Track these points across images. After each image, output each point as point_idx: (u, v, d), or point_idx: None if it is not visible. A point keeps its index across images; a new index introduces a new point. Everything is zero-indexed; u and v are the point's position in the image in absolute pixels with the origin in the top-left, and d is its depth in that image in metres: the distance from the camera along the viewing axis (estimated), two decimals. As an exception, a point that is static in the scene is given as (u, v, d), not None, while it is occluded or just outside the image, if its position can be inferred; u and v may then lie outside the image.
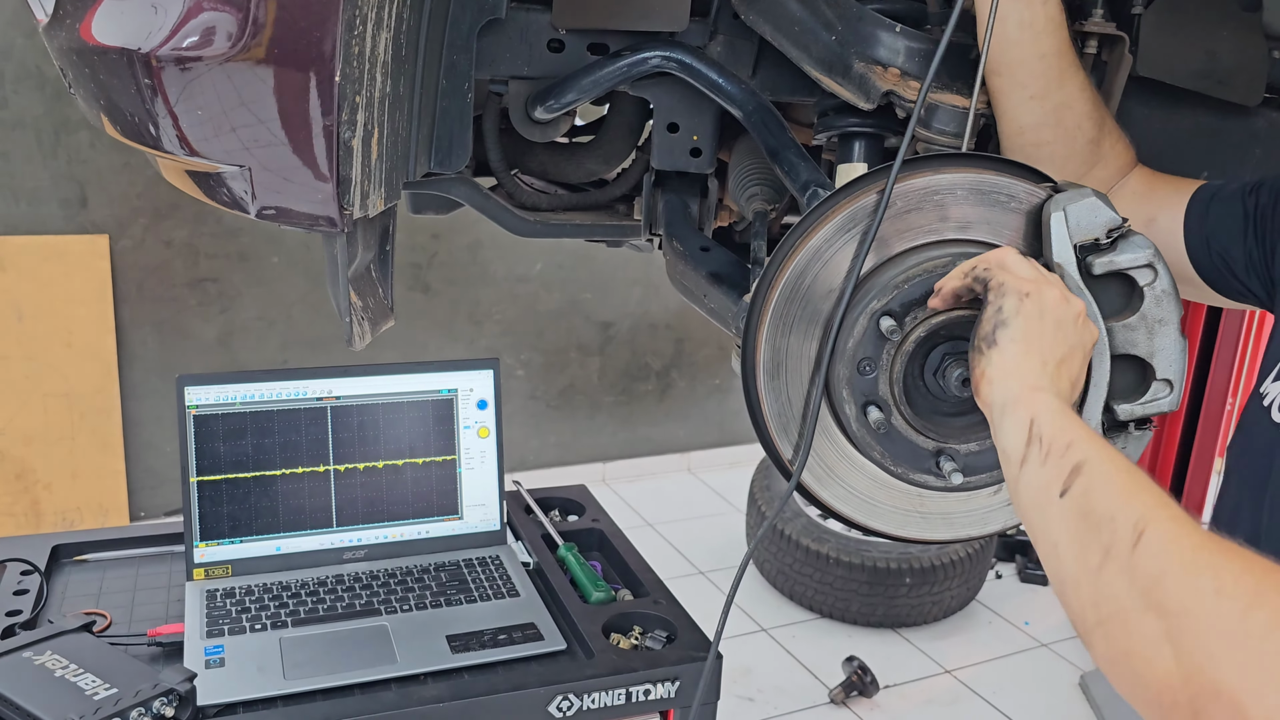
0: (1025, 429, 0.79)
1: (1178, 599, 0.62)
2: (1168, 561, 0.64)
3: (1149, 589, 0.64)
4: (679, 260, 1.31)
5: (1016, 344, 0.83)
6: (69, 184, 3.16)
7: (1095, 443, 0.75)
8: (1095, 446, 0.75)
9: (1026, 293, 0.84)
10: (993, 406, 0.83)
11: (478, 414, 1.56)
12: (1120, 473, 0.72)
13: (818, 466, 1.01)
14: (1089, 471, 0.72)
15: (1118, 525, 0.68)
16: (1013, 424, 0.80)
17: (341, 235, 1.03)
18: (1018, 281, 0.85)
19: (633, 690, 1.30)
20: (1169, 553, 0.64)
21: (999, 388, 0.83)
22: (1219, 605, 0.60)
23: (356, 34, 0.88)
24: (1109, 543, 0.67)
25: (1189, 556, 0.63)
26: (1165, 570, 0.63)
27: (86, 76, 1.00)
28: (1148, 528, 0.66)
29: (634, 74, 1.24)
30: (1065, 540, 0.71)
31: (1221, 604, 0.60)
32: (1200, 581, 0.62)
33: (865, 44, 1.12)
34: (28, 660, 1.19)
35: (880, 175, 0.95)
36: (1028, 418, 0.79)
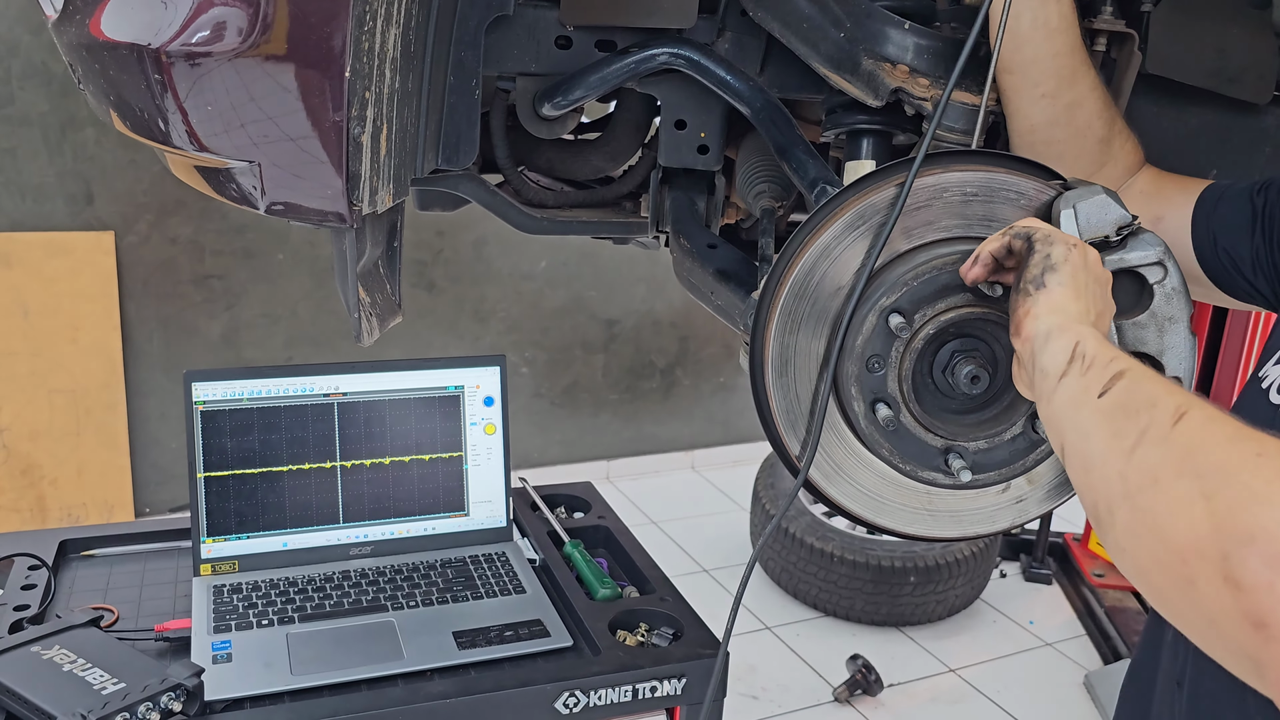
0: (1070, 349, 0.79)
1: (1218, 460, 0.63)
2: (1209, 433, 0.65)
3: (1186, 457, 0.65)
4: (686, 257, 1.31)
5: (1064, 287, 0.84)
6: (75, 180, 3.17)
7: (1138, 362, 0.76)
8: (1140, 364, 0.76)
9: (1074, 244, 0.86)
10: (1035, 337, 0.83)
11: (484, 411, 1.56)
12: (1157, 380, 0.73)
13: (826, 464, 1.01)
14: (1131, 376, 0.74)
15: (1158, 409, 0.69)
16: (1058, 346, 0.81)
17: (350, 231, 1.03)
18: (1064, 235, 0.87)
19: (639, 687, 1.30)
20: (1211, 426, 0.65)
21: (1044, 321, 0.83)
22: (1260, 464, 0.61)
23: (367, 29, 0.88)
24: (1146, 424, 0.68)
25: (1231, 430, 0.64)
26: (1206, 439, 0.65)
27: (96, 72, 1.00)
28: (1190, 409, 0.67)
29: (641, 71, 1.23)
30: (1098, 429, 0.72)
31: (1263, 463, 0.61)
32: (1243, 445, 0.63)
33: (874, 41, 1.12)
34: (36, 655, 1.20)
35: (888, 173, 0.95)
36: (1073, 340, 0.80)
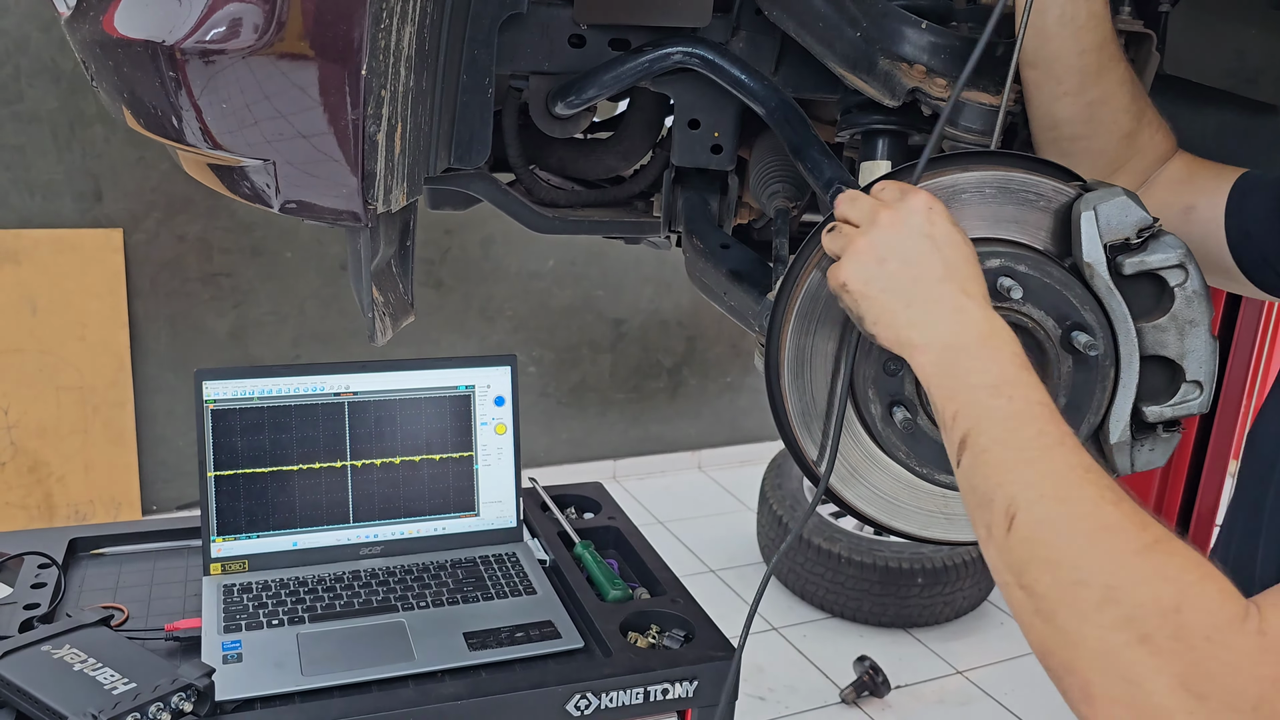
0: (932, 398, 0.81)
1: (1043, 585, 0.68)
2: (1033, 549, 0.69)
3: (1020, 572, 0.70)
4: (699, 257, 1.31)
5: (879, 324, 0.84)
6: (83, 178, 3.17)
7: (975, 409, 0.76)
8: (975, 414, 0.76)
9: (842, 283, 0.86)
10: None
11: (495, 410, 1.56)
12: (996, 445, 0.74)
13: (841, 466, 1.01)
14: (971, 446, 0.76)
15: (994, 507, 0.72)
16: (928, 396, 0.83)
17: (365, 230, 1.02)
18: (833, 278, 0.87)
19: (651, 690, 1.29)
20: (1034, 540, 0.69)
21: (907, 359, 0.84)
22: (1078, 594, 0.66)
23: (383, 27, 0.88)
24: (989, 522, 0.73)
25: (1051, 544, 0.68)
26: (1031, 558, 0.69)
27: (110, 70, 1.00)
28: (1017, 513, 0.70)
29: (656, 70, 1.23)
30: (968, 508, 0.77)
31: (1081, 593, 0.66)
32: (1060, 573, 0.67)
33: (890, 40, 1.11)
34: (47, 654, 1.19)
35: (905, 174, 0.94)
36: (926, 387, 0.82)
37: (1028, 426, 0.74)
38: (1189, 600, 0.63)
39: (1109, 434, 0.95)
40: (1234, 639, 0.61)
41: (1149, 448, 0.97)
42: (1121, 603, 0.64)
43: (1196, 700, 0.60)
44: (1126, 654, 0.63)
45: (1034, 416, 0.74)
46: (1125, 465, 0.96)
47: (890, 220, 0.84)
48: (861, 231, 0.85)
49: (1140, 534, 0.67)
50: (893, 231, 0.84)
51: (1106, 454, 0.96)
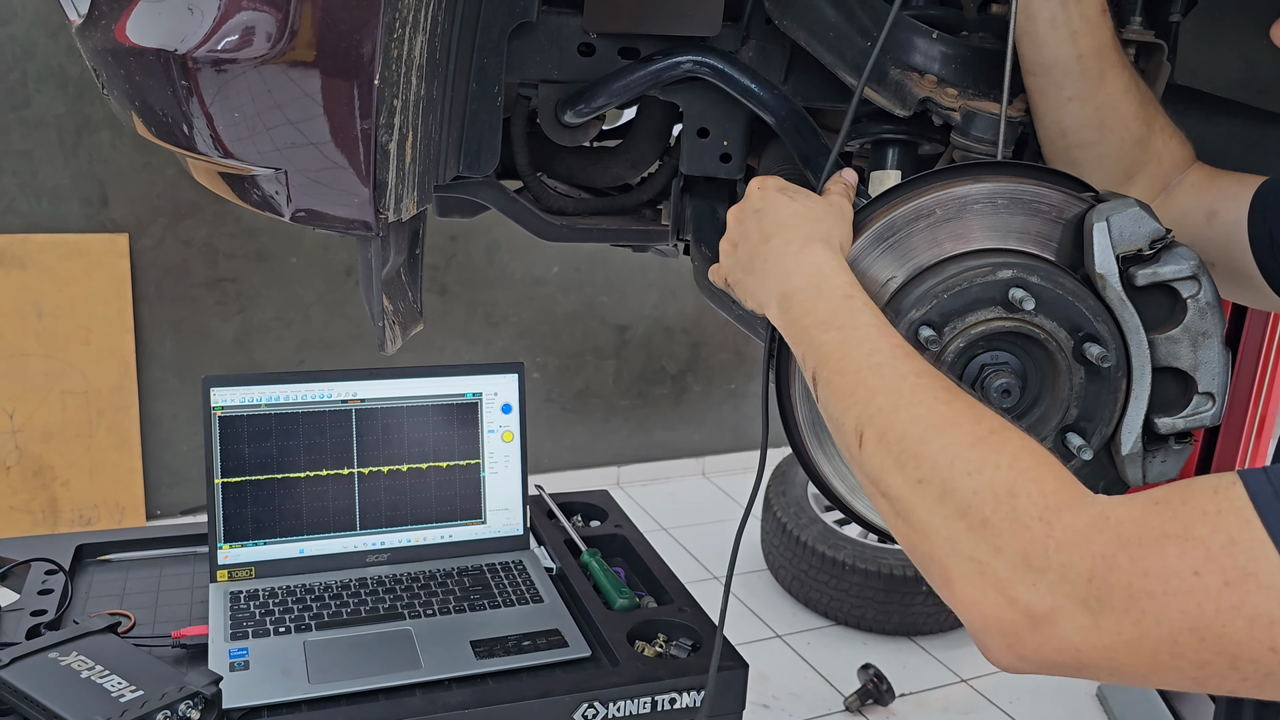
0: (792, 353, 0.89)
1: (894, 489, 0.74)
2: (881, 458, 0.75)
3: (875, 480, 0.76)
4: (707, 266, 1.30)
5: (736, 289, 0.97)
6: (90, 183, 3.17)
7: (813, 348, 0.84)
8: (814, 351, 0.84)
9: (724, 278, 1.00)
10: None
11: (502, 418, 1.55)
12: (834, 375, 0.81)
13: (851, 475, 1.00)
14: (820, 382, 0.83)
15: (845, 430, 0.79)
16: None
17: (376, 239, 1.02)
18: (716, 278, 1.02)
19: (658, 699, 1.29)
20: (880, 449, 0.75)
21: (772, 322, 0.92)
22: (921, 492, 0.72)
23: (395, 37, 0.88)
24: (845, 443, 0.80)
25: (894, 452, 0.74)
26: (881, 467, 0.75)
27: (121, 78, 1.00)
28: (864, 430, 0.77)
29: (665, 79, 1.23)
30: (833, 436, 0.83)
31: (923, 490, 0.72)
32: (906, 474, 0.73)
33: (901, 50, 1.11)
34: (54, 661, 1.19)
35: (917, 185, 0.94)
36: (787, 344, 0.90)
37: (857, 350, 0.81)
38: (1022, 485, 0.68)
39: (1121, 445, 0.94)
40: (1067, 518, 0.65)
41: (1161, 459, 0.96)
42: (959, 492, 0.69)
43: (1036, 573, 0.64)
44: (970, 538, 0.68)
45: (861, 340, 0.81)
46: (1137, 477, 0.96)
47: (733, 213, 0.98)
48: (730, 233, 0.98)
49: (974, 428, 0.72)
50: (734, 221, 0.98)
51: (1118, 465, 0.96)
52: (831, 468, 1.01)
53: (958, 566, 0.68)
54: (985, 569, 0.67)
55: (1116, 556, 0.62)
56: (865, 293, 0.86)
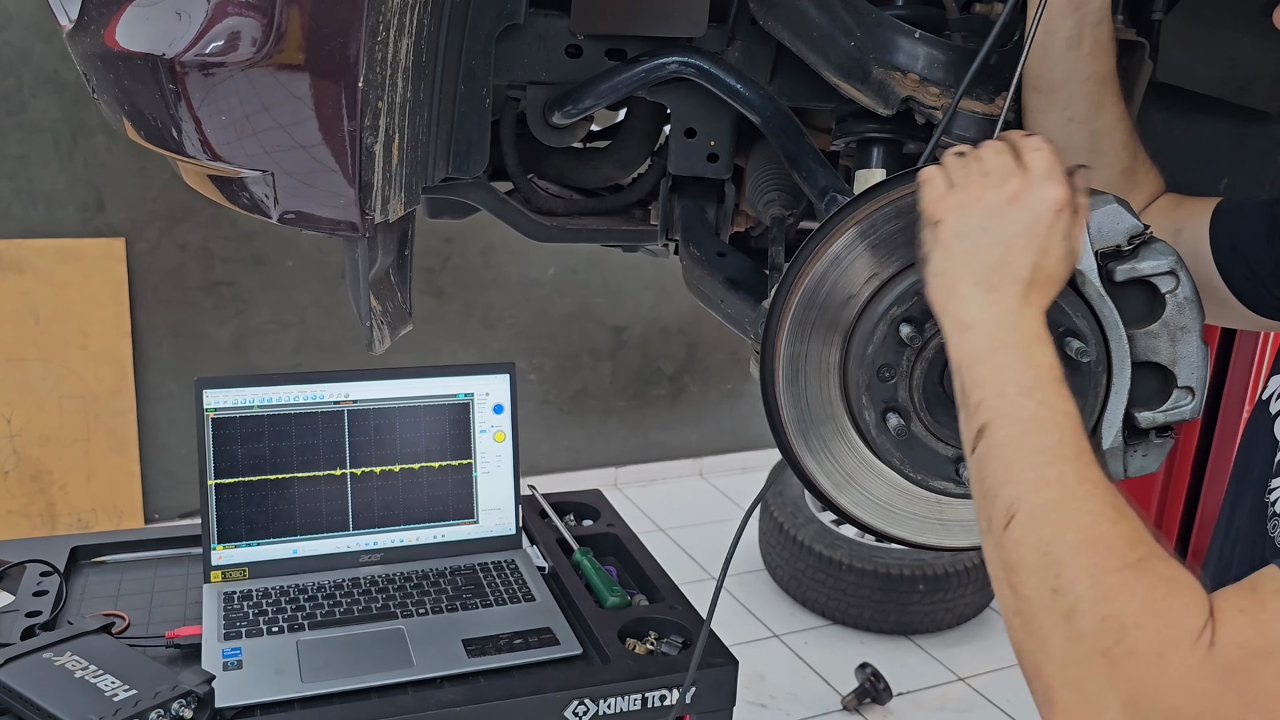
0: (958, 377, 0.81)
1: (1026, 588, 0.70)
2: (1023, 552, 0.71)
3: (1010, 570, 0.72)
4: (696, 265, 1.31)
5: (939, 278, 0.84)
6: (86, 187, 3.18)
7: (1002, 402, 0.77)
8: (1001, 407, 0.77)
9: (937, 219, 0.84)
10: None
11: (494, 418, 1.56)
12: (1012, 442, 0.75)
13: (836, 473, 1.01)
14: (988, 437, 0.77)
15: (997, 503, 0.74)
16: (952, 368, 0.83)
17: (362, 240, 1.03)
18: (932, 206, 0.85)
19: (649, 696, 1.30)
20: (1026, 543, 0.71)
21: (942, 325, 0.85)
22: (1052, 604, 0.68)
23: (380, 40, 0.89)
24: (990, 515, 0.74)
25: (1041, 551, 0.70)
26: (1021, 561, 0.71)
27: (110, 82, 1.01)
28: (1017, 513, 0.72)
29: (652, 79, 1.24)
30: (975, 496, 0.78)
31: (1054, 602, 0.68)
32: (1043, 579, 0.69)
33: (884, 50, 1.12)
34: (48, 661, 1.20)
35: (899, 182, 0.95)
36: (957, 365, 0.82)
37: (1049, 433, 0.75)
38: (1149, 616, 0.65)
39: (1102, 440, 0.95)
40: (1181, 655, 0.63)
41: (1142, 453, 0.97)
42: (1088, 616, 0.66)
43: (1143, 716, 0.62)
44: (1085, 667, 0.65)
45: (1058, 426, 0.75)
46: (1118, 470, 0.97)
47: (1018, 195, 0.81)
48: (987, 185, 0.82)
49: (1126, 552, 0.68)
50: (1013, 208, 0.81)
51: (1099, 459, 0.97)
52: (817, 464, 1.02)
53: (1065, 694, 0.66)
54: (1090, 707, 0.65)
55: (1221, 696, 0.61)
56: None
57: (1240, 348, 3.05)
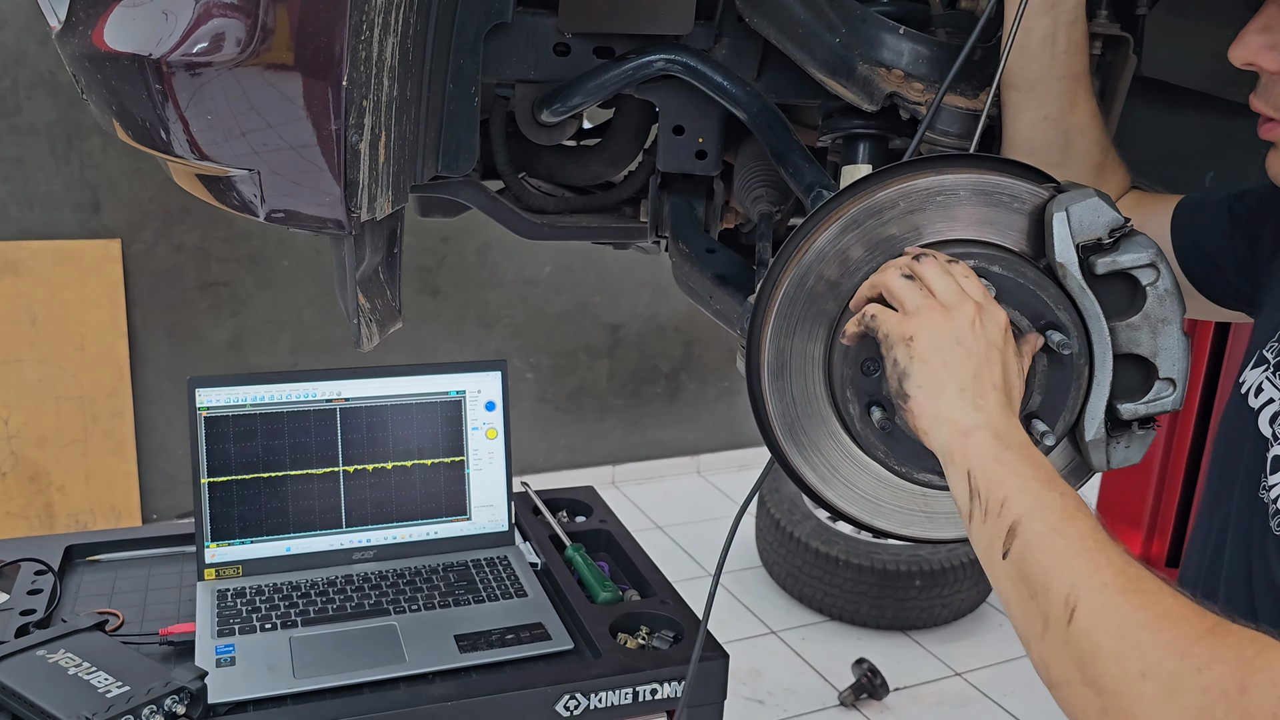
0: (965, 483, 0.80)
1: (1109, 679, 0.66)
2: (1098, 640, 0.68)
3: (1085, 665, 0.68)
4: (685, 262, 1.32)
5: (924, 389, 0.84)
6: (82, 189, 3.19)
7: (1028, 495, 0.76)
8: (1028, 501, 0.76)
9: (909, 336, 0.85)
10: (937, 454, 0.85)
11: (486, 415, 1.57)
12: (1052, 532, 0.73)
13: (822, 466, 1.02)
14: (1023, 533, 0.74)
15: (1052, 596, 0.71)
16: (954, 477, 0.82)
17: (349, 238, 1.04)
18: (899, 326, 0.86)
19: (640, 689, 1.30)
20: (1098, 630, 0.68)
21: (934, 437, 0.84)
22: (1144, 689, 0.65)
23: (363, 39, 0.89)
24: (1046, 613, 0.71)
25: (1116, 635, 0.67)
26: (1097, 649, 0.67)
27: (99, 82, 1.02)
28: (1079, 602, 0.69)
29: (639, 77, 1.24)
30: (1013, 601, 0.75)
31: (1146, 687, 0.65)
32: (1127, 664, 0.66)
33: (869, 46, 1.13)
34: (41, 658, 1.21)
35: (884, 176, 0.96)
36: (964, 470, 0.81)
37: (1082, 521, 0.74)
38: (1253, 680, 0.63)
39: (1084, 431, 0.96)
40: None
41: (1124, 445, 0.98)
42: (1186, 690, 0.63)
43: None
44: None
45: (1085, 515, 0.75)
46: (1101, 462, 0.97)
47: (976, 316, 0.85)
48: (947, 306, 0.85)
49: (1199, 620, 0.66)
50: (972, 327, 0.84)
51: (1082, 451, 0.98)
52: (803, 459, 1.03)
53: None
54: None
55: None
56: None
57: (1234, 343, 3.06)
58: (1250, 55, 0.87)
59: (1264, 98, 0.88)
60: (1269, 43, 0.85)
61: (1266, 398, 0.93)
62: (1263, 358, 0.96)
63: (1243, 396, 0.95)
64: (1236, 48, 0.87)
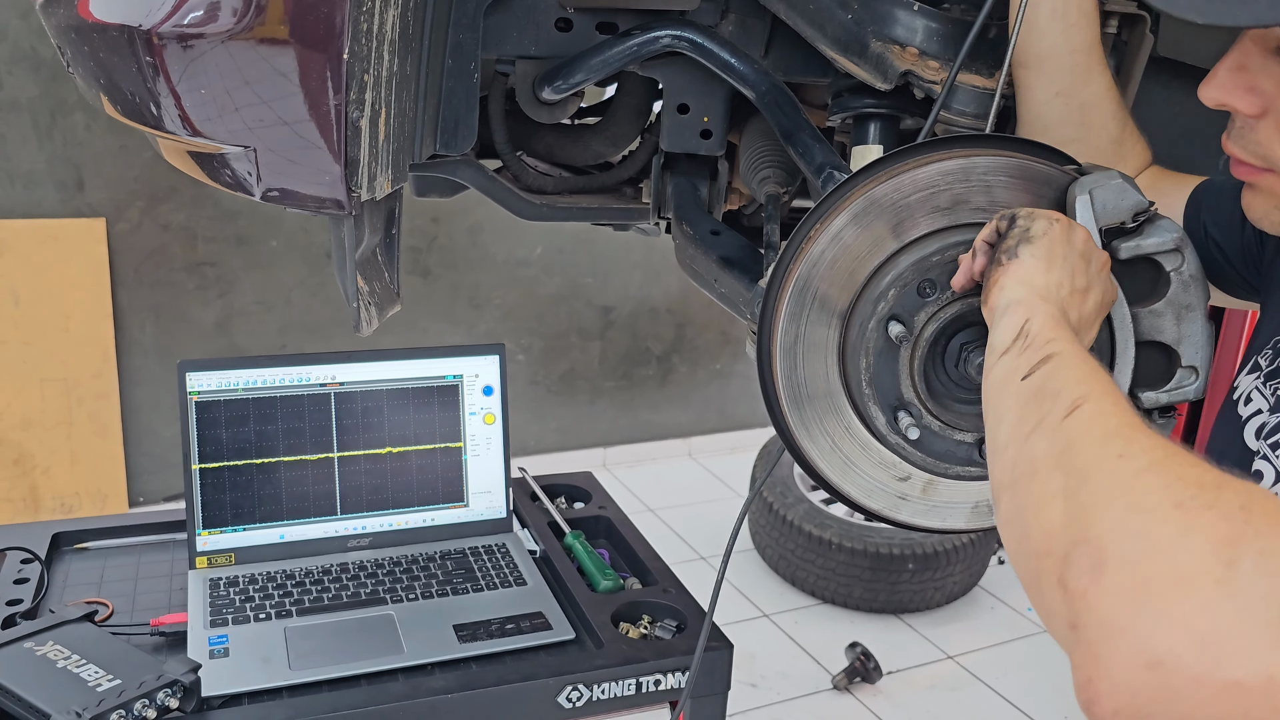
0: (1019, 326, 0.78)
1: (1084, 460, 0.63)
2: (1089, 429, 0.65)
3: (1064, 451, 0.65)
4: (689, 244, 1.29)
5: (1038, 259, 0.81)
6: (65, 167, 3.13)
7: (1076, 345, 0.74)
8: (1075, 348, 0.74)
9: (1056, 219, 0.83)
10: (996, 309, 0.81)
11: (483, 400, 1.54)
12: (1085, 364, 0.72)
13: (835, 456, 1.00)
14: (1057, 361, 0.73)
15: (1060, 398, 0.68)
16: (1009, 322, 0.79)
17: (349, 218, 1.00)
18: (1049, 212, 0.85)
19: (643, 680, 1.28)
20: (1095, 423, 0.66)
21: (1009, 292, 0.81)
22: (1118, 466, 0.61)
23: (365, 10, 0.86)
24: (1046, 411, 0.68)
25: (1110, 427, 0.65)
26: (1084, 435, 0.65)
27: (85, 55, 0.98)
28: (1086, 402, 0.67)
29: (644, 54, 1.21)
30: (1011, 412, 0.72)
31: (1120, 465, 0.61)
32: (1110, 446, 0.63)
33: (882, 23, 1.10)
34: (29, 651, 1.18)
35: (898, 158, 0.93)
36: (1024, 317, 0.78)
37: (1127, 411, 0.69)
38: (1230, 482, 0.58)
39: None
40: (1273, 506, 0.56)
41: (1144, 435, 0.96)
42: (1164, 473, 0.59)
43: (1224, 567, 0.53)
44: (1154, 516, 0.57)
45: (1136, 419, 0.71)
46: (1121, 452, 0.95)
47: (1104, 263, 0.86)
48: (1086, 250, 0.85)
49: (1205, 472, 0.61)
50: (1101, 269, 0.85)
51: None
52: (815, 447, 1.00)
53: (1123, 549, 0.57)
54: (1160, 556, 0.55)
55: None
56: None
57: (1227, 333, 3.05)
58: (1224, 96, 0.79)
59: (1238, 142, 0.81)
60: (1245, 83, 0.77)
61: (1254, 408, 0.91)
62: (1257, 364, 0.94)
63: (1234, 403, 0.93)
64: (1208, 87, 0.80)
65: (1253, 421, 0.90)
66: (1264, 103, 0.77)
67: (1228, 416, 0.93)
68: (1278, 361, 0.90)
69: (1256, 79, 0.77)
